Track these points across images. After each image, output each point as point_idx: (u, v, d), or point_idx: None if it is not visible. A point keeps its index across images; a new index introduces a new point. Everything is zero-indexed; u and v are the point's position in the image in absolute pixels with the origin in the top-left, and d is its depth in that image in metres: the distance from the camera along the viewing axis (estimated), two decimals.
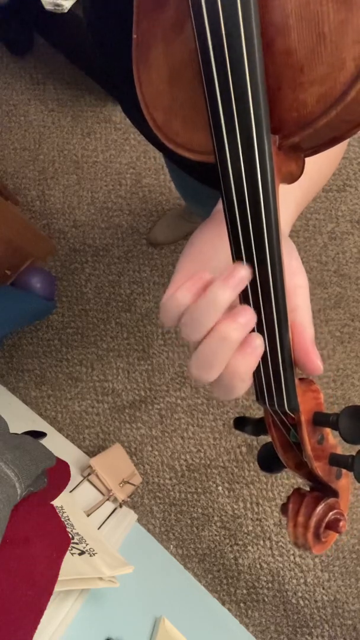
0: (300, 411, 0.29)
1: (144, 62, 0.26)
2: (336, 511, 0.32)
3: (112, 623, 0.89)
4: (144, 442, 1.45)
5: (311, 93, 0.21)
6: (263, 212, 0.23)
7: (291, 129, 0.22)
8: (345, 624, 1.32)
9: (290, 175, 0.25)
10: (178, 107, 0.25)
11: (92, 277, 1.54)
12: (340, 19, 0.19)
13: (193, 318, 0.24)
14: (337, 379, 1.40)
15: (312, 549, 0.32)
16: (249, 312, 0.24)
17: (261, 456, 0.35)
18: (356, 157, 1.48)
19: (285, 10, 0.20)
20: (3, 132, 1.64)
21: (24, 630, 0.61)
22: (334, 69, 0.20)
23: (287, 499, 0.34)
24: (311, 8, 0.20)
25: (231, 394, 0.26)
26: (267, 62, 0.21)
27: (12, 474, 0.64)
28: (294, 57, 0.21)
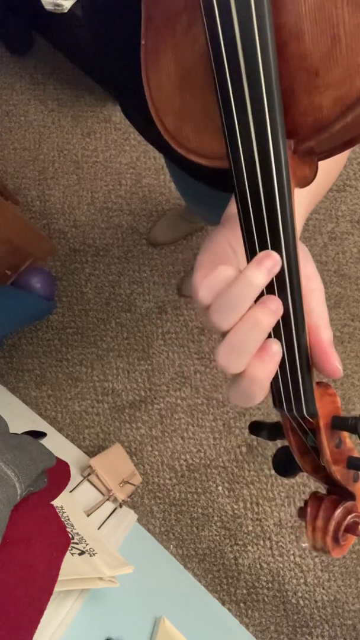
0: (319, 416, 0.28)
1: (153, 68, 0.26)
2: (355, 514, 0.32)
3: (112, 623, 0.89)
4: (144, 442, 1.45)
5: (327, 97, 0.20)
6: (280, 217, 0.23)
7: (307, 133, 0.22)
8: (345, 624, 1.32)
9: (305, 179, 0.24)
10: (189, 112, 0.25)
11: (92, 277, 1.54)
12: (356, 22, 0.19)
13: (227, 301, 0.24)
14: (337, 379, 1.40)
15: (331, 552, 0.32)
16: (276, 300, 0.24)
17: (277, 460, 0.35)
18: (356, 157, 1.48)
19: (300, 14, 0.20)
20: (3, 132, 1.64)
21: (24, 630, 0.61)
22: (350, 73, 0.19)
23: (304, 503, 0.33)
24: (326, 11, 0.19)
25: (250, 401, 0.26)
26: (281, 66, 0.21)
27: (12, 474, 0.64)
28: (309, 61, 0.20)
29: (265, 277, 0.23)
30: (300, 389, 0.27)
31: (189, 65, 0.24)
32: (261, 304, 0.24)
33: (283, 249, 0.23)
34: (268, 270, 0.23)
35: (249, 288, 0.23)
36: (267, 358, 0.24)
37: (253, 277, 0.23)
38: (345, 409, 1.39)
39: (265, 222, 0.23)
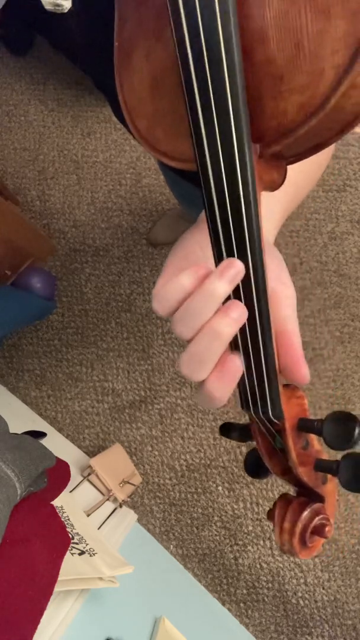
0: (284, 418, 0.29)
1: (125, 69, 0.26)
2: (322, 516, 0.32)
3: (112, 623, 0.89)
4: (144, 442, 1.45)
5: (291, 102, 0.21)
6: (245, 220, 0.23)
7: (272, 137, 0.22)
8: (345, 624, 1.32)
9: (273, 183, 0.25)
10: (160, 114, 0.25)
11: (92, 277, 1.54)
12: (318, 28, 0.19)
13: (188, 312, 0.24)
14: (337, 379, 1.40)
15: (298, 554, 0.32)
16: (239, 306, 0.24)
17: (248, 461, 0.35)
18: (356, 157, 1.48)
19: (265, 20, 0.20)
20: (3, 132, 1.64)
21: (24, 630, 0.61)
22: (314, 78, 0.20)
23: (273, 505, 0.33)
24: (290, 18, 0.20)
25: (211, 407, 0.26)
26: (247, 71, 0.21)
27: (12, 474, 0.64)
28: (274, 66, 0.21)
29: (227, 287, 0.23)
30: (266, 393, 0.27)
31: (160, 68, 0.24)
32: (222, 312, 0.24)
33: (249, 251, 0.24)
34: (231, 280, 0.23)
35: (211, 299, 0.23)
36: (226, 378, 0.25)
37: (215, 287, 0.23)
38: (345, 409, 1.39)
39: (231, 225, 0.23)
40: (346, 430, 0.27)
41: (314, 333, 1.42)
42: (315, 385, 1.40)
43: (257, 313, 0.25)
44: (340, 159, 1.48)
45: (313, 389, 1.40)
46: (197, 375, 0.25)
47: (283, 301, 0.29)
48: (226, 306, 0.24)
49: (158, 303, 0.25)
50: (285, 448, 0.30)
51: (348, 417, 0.28)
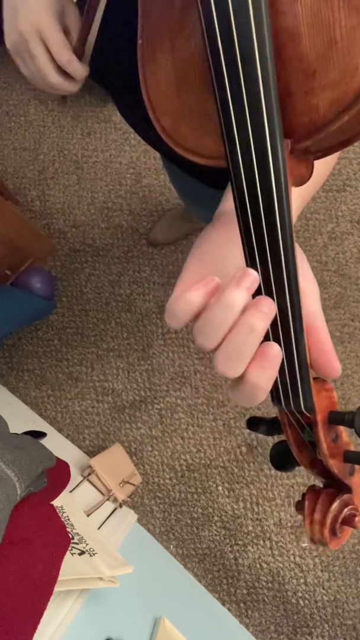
0: (316, 411, 0.29)
1: (150, 67, 0.26)
2: (351, 507, 0.33)
3: (112, 623, 0.89)
4: (144, 442, 1.45)
5: (323, 98, 0.21)
6: (277, 216, 0.23)
7: (303, 133, 0.22)
8: (345, 624, 1.32)
9: (301, 178, 0.25)
10: (186, 111, 0.25)
11: (92, 277, 1.54)
12: (352, 24, 0.19)
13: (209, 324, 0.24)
14: (337, 379, 1.40)
15: (329, 544, 0.32)
16: (267, 300, 0.24)
17: (274, 454, 0.36)
18: (356, 157, 1.48)
19: (297, 16, 0.20)
20: (3, 132, 1.64)
21: (24, 630, 0.61)
22: (346, 75, 0.20)
23: (302, 497, 0.34)
24: (323, 14, 0.20)
25: (253, 403, 0.26)
26: (279, 67, 0.21)
27: (12, 474, 0.64)
28: (306, 63, 0.21)
29: (245, 296, 0.23)
30: (299, 386, 0.27)
31: (185, 64, 0.24)
32: (253, 308, 0.24)
33: (281, 247, 0.24)
34: (248, 288, 0.23)
35: (231, 310, 0.23)
36: (267, 365, 0.24)
37: (234, 298, 0.23)
38: (345, 409, 1.38)
39: (263, 221, 0.23)
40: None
41: None
42: None
43: (290, 307, 0.25)
44: (340, 159, 1.48)
45: None
46: (235, 370, 0.24)
47: (309, 296, 0.29)
48: (255, 301, 0.24)
49: (170, 319, 0.26)
50: (316, 440, 0.31)
51: None
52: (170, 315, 0.25)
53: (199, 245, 0.32)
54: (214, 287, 0.25)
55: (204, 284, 0.25)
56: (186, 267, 0.31)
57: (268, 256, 0.24)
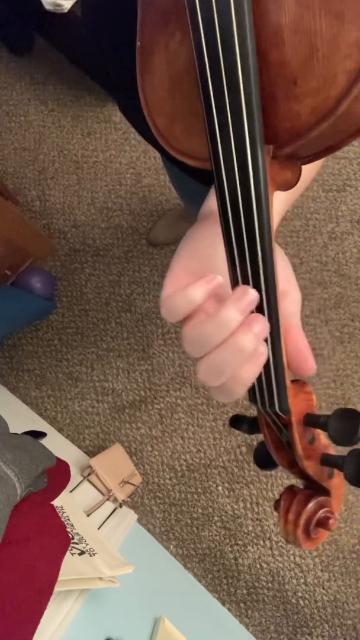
0: (291, 412, 0.29)
1: (147, 69, 0.27)
2: (326, 509, 0.33)
3: (112, 623, 0.89)
4: (144, 442, 1.45)
5: (304, 105, 0.21)
6: (256, 219, 0.23)
7: (285, 139, 0.22)
8: (345, 624, 1.32)
9: (286, 183, 0.25)
10: (179, 113, 0.26)
11: (92, 277, 1.54)
12: (333, 33, 0.19)
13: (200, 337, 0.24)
14: (337, 379, 1.40)
15: (302, 545, 0.32)
16: (261, 320, 0.24)
17: (257, 453, 0.36)
18: (356, 157, 1.48)
19: (280, 24, 0.21)
20: (3, 132, 1.64)
21: (24, 630, 0.61)
22: (327, 82, 0.20)
23: (279, 496, 0.34)
24: (305, 22, 0.20)
25: (231, 398, 0.26)
26: (262, 73, 0.21)
27: (12, 474, 0.64)
28: (288, 69, 0.21)
29: (242, 317, 0.23)
30: (274, 387, 0.28)
31: (179, 68, 0.25)
32: (245, 327, 0.24)
33: (259, 249, 0.24)
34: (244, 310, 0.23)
35: (224, 328, 0.23)
36: (253, 359, 0.24)
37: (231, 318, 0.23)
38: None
39: (242, 221, 0.24)
40: (351, 427, 0.28)
41: (314, 333, 1.42)
42: (315, 385, 1.40)
43: (267, 308, 0.25)
44: (340, 159, 1.48)
45: (313, 389, 1.40)
46: (214, 382, 0.25)
47: (289, 299, 0.29)
48: (249, 320, 0.24)
49: (167, 312, 0.25)
50: (291, 441, 0.31)
51: (354, 414, 0.28)
52: (169, 309, 0.25)
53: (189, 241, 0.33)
54: (216, 285, 0.25)
55: (206, 281, 0.25)
56: (176, 262, 0.31)
57: (247, 257, 0.24)
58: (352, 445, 0.28)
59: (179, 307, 0.25)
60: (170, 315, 0.25)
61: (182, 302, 0.25)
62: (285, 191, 0.25)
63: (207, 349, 0.24)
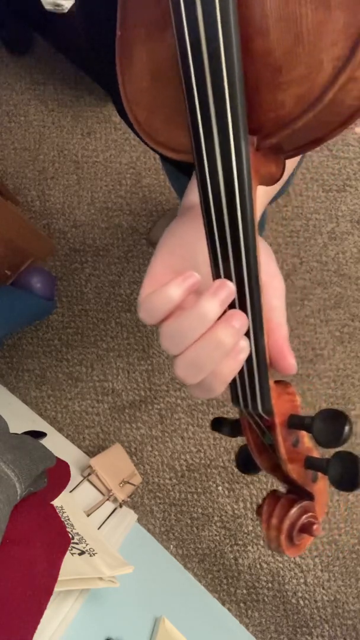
0: (274, 414, 0.28)
1: (126, 59, 0.26)
2: (310, 514, 0.32)
3: (112, 623, 0.89)
4: (144, 442, 1.45)
5: (289, 94, 0.20)
6: (239, 212, 0.23)
7: (269, 129, 0.22)
8: (345, 624, 1.32)
9: (270, 176, 0.24)
10: (159, 105, 0.25)
11: (92, 277, 1.54)
12: (319, 19, 0.19)
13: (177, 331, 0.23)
14: (337, 379, 1.40)
15: (285, 551, 0.31)
16: (242, 315, 0.24)
17: (239, 456, 0.35)
18: (356, 157, 1.48)
19: (265, 10, 0.20)
20: (3, 132, 1.64)
21: (24, 630, 0.61)
22: (312, 70, 0.19)
23: (262, 501, 0.33)
24: (290, 8, 0.19)
25: (210, 394, 0.25)
26: (246, 61, 0.21)
27: (12, 474, 0.64)
28: (273, 58, 0.20)
29: (220, 308, 0.23)
30: (257, 388, 0.27)
31: (161, 58, 0.24)
32: (224, 322, 0.23)
33: (242, 241, 0.23)
34: (222, 302, 0.23)
35: (203, 321, 0.23)
36: (233, 354, 0.24)
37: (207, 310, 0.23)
38: (345, 409, 1.39)
39: (225, 215, 0.23)
40: (335, 428, 0.27)
41: (314, 333, 1.42)
42: (315, 385, 1.40)
43: (250, 307, 0.25)
44: (340, 159, 1.48)
45: (313, 389, 1.40)
46: (193, 379, 0.24)
47: (271, 292, 0.29)
48: (228, 315, 0.23)
49: (145, 313, 0.25)
50: (274, 444, 0.30)
51: (338, 415, 0.27)
52: (147, 310, 0.24)
53: (168, 238, 0.32)
54: (195, 282, 0.24)
55: (183, 278, 0.24)
56: (155, 261, 0.30)
57: (229, 250, 0.24)
58: (338, 446, 0.27)
59: (157, 307, 0.24)
60: (149, 317, 0.25)
61: (160, 302, 0.24)
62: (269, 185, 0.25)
63: (185, 344, 0.23)
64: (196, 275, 0.24)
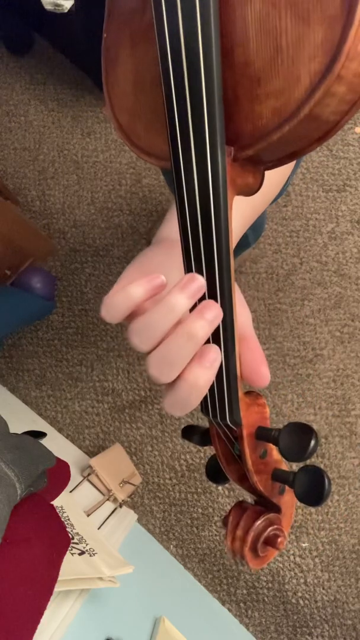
0: (242, 425, 0.28)
1: (111, 63, 0.26)
2: (276, 527, 0.31)
3: (112, 623, 0.89)
4: (144, 442, 1.45)
5: (267, 106, 0.21)
6: (213, 222, 0.23)
7: (246, 141, 0.22)
8: (345, 624, 1.32)
9: (248, 188, 0.24)
10: (141, 110, 0.25)
11: (92, 277, 1.54)
12: (298, 33, 0.19)
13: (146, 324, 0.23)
14: (337, 379, 1.40)
15: (248, 563, 0.31)
16: (215, 307, 0.23)
17: (209, 465, 0.35)
18: (356, 157, 1.48)
19: (246, 21, 0.20)
20: (3, 132, 1.64)
21: (24, 631, 0.61)
22: (290, 84, 0.19)
23: (229, 511, 0.33)
24: (270, 21, 0.20)
25: (187, 408, 0.25)
26: (227, 71, 0.21)
27: (12, 474, 0.64)
28: (252, 69, 0.21)
29: (188, 302, 0.23)
30: (225, 397, 0.27)
31: (143, 62, 0.24)
32: (197, 313, 0.23)
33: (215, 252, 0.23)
34: (192, 295, 0.23)
35: (171, 313, 0.23)
36: (207, 364, 0.23)
37: (176, 302, 0.22)
38: (345, 409, 1.39)
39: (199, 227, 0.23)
40: (301, 442, 0.27)
41: (314, 333, 1.42)
42: (315, 385, 1.40)
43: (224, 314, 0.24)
44: (340, 159, 1.48)
45: (313, 389, 1.40)
46: (167, 376, 0.24)
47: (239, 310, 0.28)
48: (201, 307, 0.23)
49: (106, 312, 0.24)
50: (241, 455, 0.30)
51: (305, 429, 0.27)
52: (107, 308, 0.24)
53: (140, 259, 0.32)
54: (159, 284, 0.24)
55: (147, 280, 0.24)
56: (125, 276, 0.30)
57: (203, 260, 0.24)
58: (302, 461, 0.26)
59: (117, 305, 0.24)
60: (108, 314, 0.24)
61: (121, 300, 0.24)
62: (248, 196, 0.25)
63: (154, 339, 0.23)
64: (162, 277, 0.24)
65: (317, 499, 0.27)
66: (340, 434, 1.38)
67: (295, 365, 1.42)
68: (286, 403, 1.40)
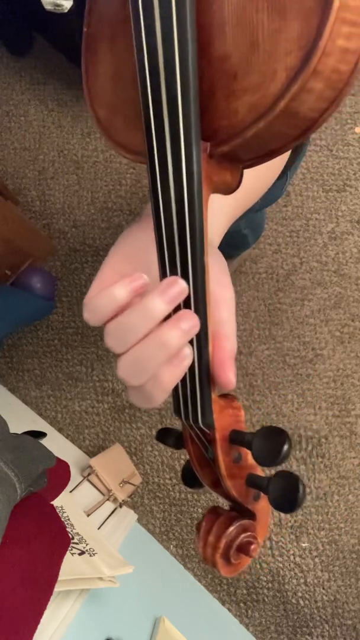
0: (215, 428, 0.28)
1: (91, 57, 0.26)
2: (249, 534, 0.30)
3: (112, 623, 0.89)
4: (144, 442, 1.45)
5: (243, 101, 0.20)
6: (187, 219, 0.22)
7: (222, 137, 0.21)
8: (345, 624, 1.32)
9: (225, 186, 0.24)
10: (120, 105, 0.25)
11: (92, 277, 1.53)
12: (274, 28, 0.19)
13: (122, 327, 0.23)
14: (337, 379, 1.40)
15: (220, 570, 0.30)
16: (192, 317, 0.23)
17: (184, 470, 0.34)
18: (356, 157, 1.48)
19: (223, 15, 0.20)
20: (3, 132, 1.64)
21: (24, 631, 0.61)
22: (266, 79, 0.19)
23: (202, 517, 0.32)
24: (247, 15, 0.19)
25: (150, 403, 0.25)
26: (204, 66, 0.21)
27: (12, 474, 0.64)
28: (229, 64, 0.20)
29: (167, 307, 0.22)
30: (198, 399, 0.26)
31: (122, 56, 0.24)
32: (172, 322, 0.22)
33: (189, 249, 0.23)
34: (172, 300, 0.22)
35: (149, 318, 0.22)
36: (176, 362, 0.23)
37: (154, 306, 0.22)
38: (345, 409, 1.39)
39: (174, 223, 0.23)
40: (274, 447, 0.26)
41: (314, 333, 1.42)
42: (315, 385, 1.40)
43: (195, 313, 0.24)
44: (340, 159, 1.48)
45: (313, 389, 1.40)
46: (137, 380, 0.23)
47: (220, 304, 0.28)
48: (178, 316, 0.23)
49: (88, 313, 0.24)
50: (214, 459, 0.29)
51: (278, 433, 0.26)
52: (91, 310, 0.24)
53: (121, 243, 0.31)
54: (142, 285, 0.23)
55: (131, 280, 0.23)
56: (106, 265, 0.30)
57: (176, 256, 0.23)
58: (276, 466, 0.26)
59: (101, 307, 0.23)
60: (92, 317, 0.24)
61: (104, 302, 0.23)
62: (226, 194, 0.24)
63: (130, 342, 0.23)
64: (144, 277, 0.24)
65: (291, 506, 0.26)
66: (340, 434, 1.38)
67: (295, 365, 1.42)
68: (286, 403, 1.40)
